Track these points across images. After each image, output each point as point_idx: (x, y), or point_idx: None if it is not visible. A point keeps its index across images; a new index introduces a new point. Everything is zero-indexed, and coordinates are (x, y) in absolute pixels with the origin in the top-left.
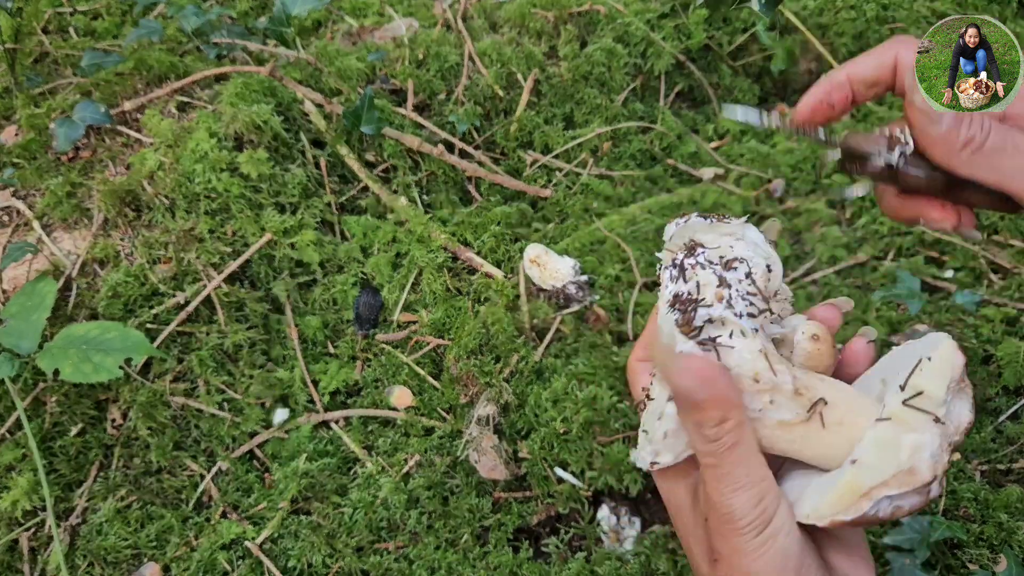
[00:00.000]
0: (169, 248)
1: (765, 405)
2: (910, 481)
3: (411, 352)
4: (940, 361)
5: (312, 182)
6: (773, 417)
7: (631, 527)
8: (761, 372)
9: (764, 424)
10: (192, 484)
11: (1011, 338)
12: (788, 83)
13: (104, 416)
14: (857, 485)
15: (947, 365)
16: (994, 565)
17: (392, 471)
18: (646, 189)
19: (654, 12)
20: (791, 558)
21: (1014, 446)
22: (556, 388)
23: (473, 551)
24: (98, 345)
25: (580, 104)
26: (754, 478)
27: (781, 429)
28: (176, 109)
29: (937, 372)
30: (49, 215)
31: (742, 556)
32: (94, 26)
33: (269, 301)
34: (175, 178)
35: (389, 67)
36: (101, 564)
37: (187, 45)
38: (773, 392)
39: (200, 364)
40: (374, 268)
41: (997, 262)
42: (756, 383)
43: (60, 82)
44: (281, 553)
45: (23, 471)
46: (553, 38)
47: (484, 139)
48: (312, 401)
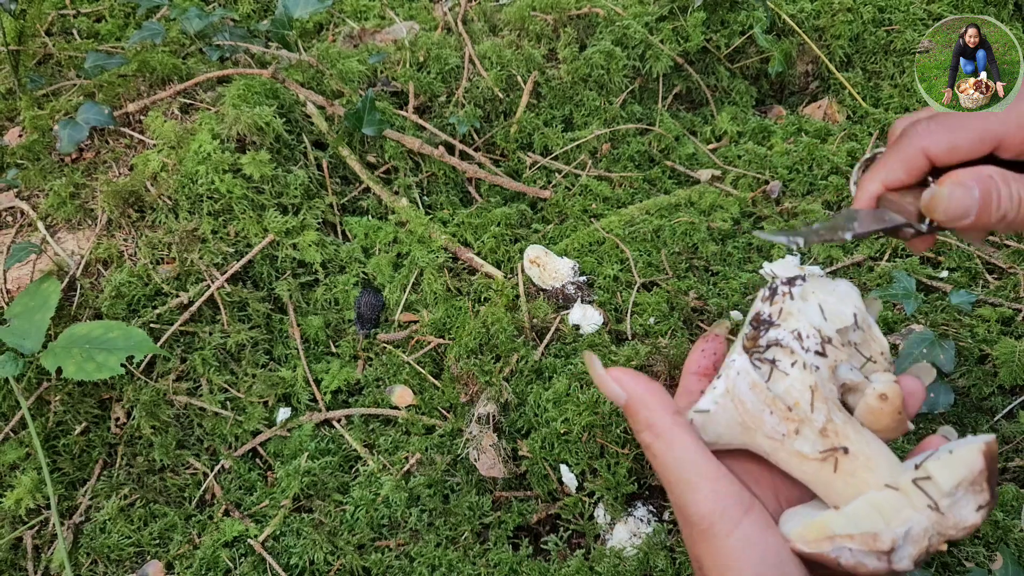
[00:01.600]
0: (172, 248)
1: (790, 433)
2: (870, 543)
3: (412, 351)
4: (959, 458)
5: (314, 183)
6: (793, 446)
7: (628, 525)
8: (801, 403)
9: (784, 448)
10: (195, 482)
11: (1007, 338)
12: (785, 85)
13: (108, 415)
14: (828, 527)
15: (964, 464)
16: (990, 563)
17: (393, 469)
18: (644, 190)
19: (652, 15)
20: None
21: (1010, 445)
22: (558, 389)
23: (473, 549)
24: (101, 344)
25: (579, 106)
26: (708, 476)
27: (797, 459)
28: (179, 111)
29: (952, 466)
30: (53, 216)
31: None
32: (97, 28)
33: (271, 301)
34: (178, 179)
35: (390, 69)
36: (104, 562)
37: (190, 47)
38: (802, 424)
39: (203, 363)
40: (375, 268)
41: (992, 262)
42: (789, 411)
43: (64, 84)
44: (283, 551)
45: (27, 469)
46: (552, 40)
47: (484, 141)
48: (314, 400)
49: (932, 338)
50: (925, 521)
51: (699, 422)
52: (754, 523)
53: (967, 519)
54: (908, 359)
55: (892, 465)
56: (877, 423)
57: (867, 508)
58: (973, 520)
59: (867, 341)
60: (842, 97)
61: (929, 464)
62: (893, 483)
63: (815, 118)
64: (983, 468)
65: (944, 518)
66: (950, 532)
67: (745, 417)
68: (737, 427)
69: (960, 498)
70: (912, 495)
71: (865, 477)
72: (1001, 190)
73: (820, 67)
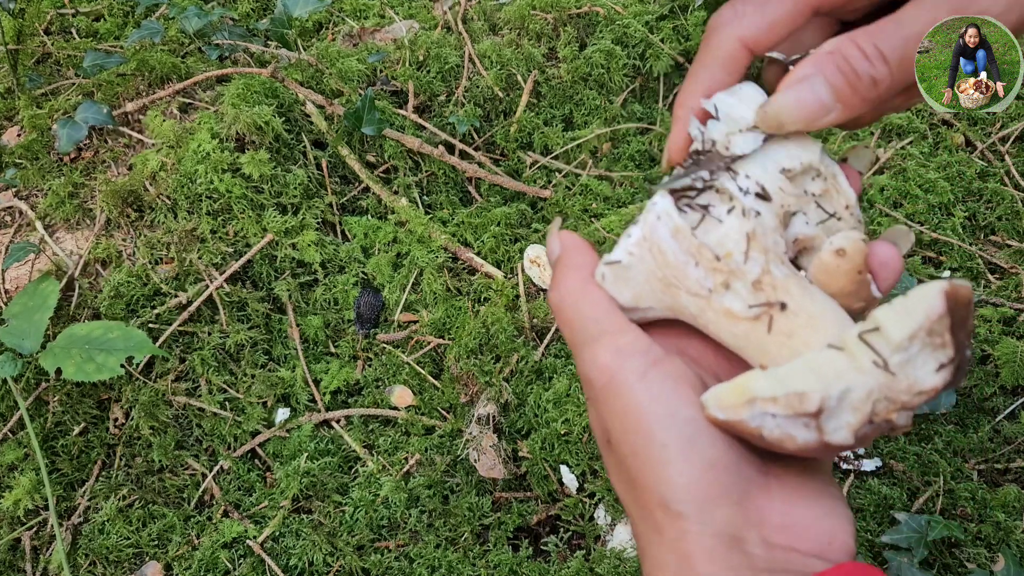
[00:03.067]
0: (171, 248)
1: (717, 287)
2: (795, 405)
3: (411, 352)
4: (914, 301)
5: (313, 183)
6: (722, 302)
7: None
8: (734, 253)
9: (710, 306)
10: (194, 483)
11: (1008, 338)
12: None
13: (106, 415)
14: (749, 389)
15: (921, 308)
16: (992, 564)
17: (393, 470)
18: (645, 190)
19: (653, 14)
20: (678, 428)
21: (1011, 445)
22: (559, 389)
23: (473, 550)
24: (100, 345)
25: (579, 105)
26: (610, 331)
27: (726, 319)
28: (178, 110)
29: (905, 312)
30: (51, 215)
31: (619, 418)
32: (96, 27)
33: (270, 301)
34: (177, 179)
35: (390, 68)
36: (103, 563)
37: (189, 46)
38: (732, 275)
39: (202, 364)
40: (375, 268)
41: (994, 262)
42: (718, 261)
43: (62, 83)
44: (282, 552)
45: (25, 470)
46: (552, 40)
47: (484, 140)
48: (313, 400)
49: None
50: (870, 382)
51: (611, 278)
52: (664, 376)
53: (924, 381)
54: None
55: (843, 325)
56: (831, 284)
57: (801, 368)
58: (932, 383)
59: (830, 192)
60: None
61: (878, 312)
62: (838, 343)
63: None
64: (943, 313)
65: (894, 379)
66: (902, 397)
67: (666, 271)
68: (657, 284)
69: (915, 354)
70: (858, 353)
71: (805, 338)
72: (855, 65)
73: None
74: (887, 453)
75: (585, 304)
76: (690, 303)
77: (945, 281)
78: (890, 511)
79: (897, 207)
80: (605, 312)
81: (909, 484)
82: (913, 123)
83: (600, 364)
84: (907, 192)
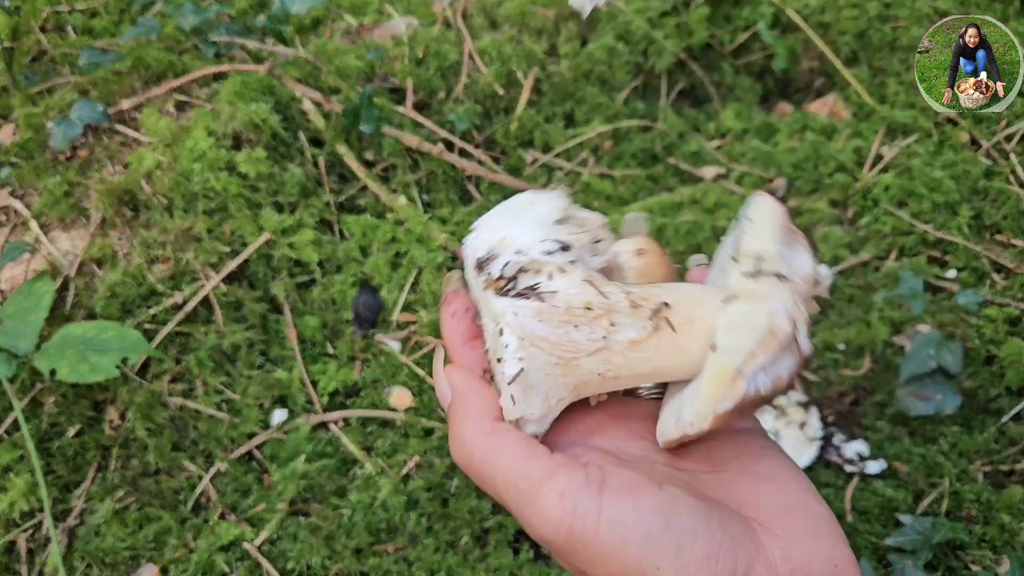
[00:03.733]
0: (167, 248)
1: (607, 330)
2: (773, 341)
3: (410, 352)
4: (761, 217)
5: (311, 181)
6: (621, 339)
7: None
8: (592, 299)
9: (614, 352)
10: (190, 485)
11: (1014, 338)
12: (790, 82)
13: (102, 417)
14: (726, 367)
15: (768, 219)
16: (997, 566)
17: (391, 472)
18: (647, 188)
19: (655, 10)
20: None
21: (1017, 447)
22: None
23: (473, 553)
24: (95, 345)
25: (581, 102)
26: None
27: (633, 350)
28: (174, 108)
29: (762, 229)
30: (46, 214)
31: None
32: (92, 24)
33: (267, 301)
34: (173, 177)
35: (388, 65)
36: (99, 566)
37: (185, 43)
38: (610, 314)
39: (198, 364)
40: (373, 268)
41: (1000, 262)
42: (590, 311)
43: (58, 81)
44: (280, 555)
45: (20, 472)
46: (553, 36)
47: (484, 138)
48: (311, 402)
49: (939, 339)
50: (786, 293)
51: (519, 396)
52: (620, 499)
53: (806, 267)
54: (915, 360)
55: (708, 288)
56: (655, 278)
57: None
58: (811, 265)
59: (581, 225)
60: (848, 94)
61: (745, 245)
62: (729, 295)
63: (820, 115)
64: (785, 208)
65: (793, 282)
66: (804, 289)
67: (557, 350)
68: (557, 369)
69: (788, 253)
70: (753, 287)
71: (704, 312)
72: None
73: (825, 63)
74: (892, 455)
75: (499, 457)
76: (594, 364)
77: (758, 192)
78: (895, 513)
79: (902, 206)
80: (523, 457)
81: (914, 486)
82: (919, 121)
83: (552, 521)
84: (912, 191)
